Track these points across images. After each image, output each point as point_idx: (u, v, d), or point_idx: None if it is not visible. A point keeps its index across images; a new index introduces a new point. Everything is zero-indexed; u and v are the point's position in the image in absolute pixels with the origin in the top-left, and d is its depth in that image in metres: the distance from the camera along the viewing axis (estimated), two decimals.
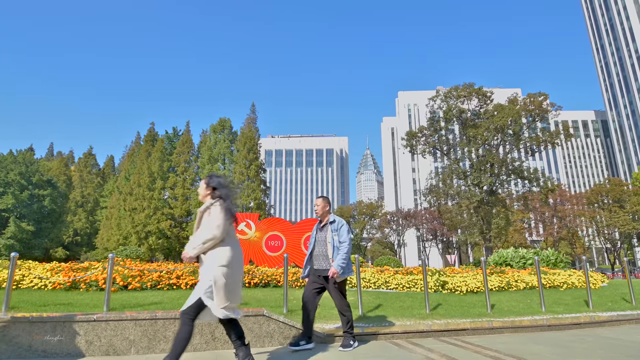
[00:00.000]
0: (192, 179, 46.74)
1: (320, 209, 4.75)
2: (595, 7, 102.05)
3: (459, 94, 38.66)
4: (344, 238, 4.50)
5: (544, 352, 4.40)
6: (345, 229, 4.56)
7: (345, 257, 4.38)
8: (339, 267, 4.31)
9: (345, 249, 4.41)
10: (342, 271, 4.34)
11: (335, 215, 4.75)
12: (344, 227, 4.60)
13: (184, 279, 7.77)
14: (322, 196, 4.86)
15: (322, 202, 4.78)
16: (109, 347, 4.14)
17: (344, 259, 4.36)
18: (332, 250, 4.48)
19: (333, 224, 4.64)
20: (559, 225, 53.14)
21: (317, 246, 4.63)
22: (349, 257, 4.45)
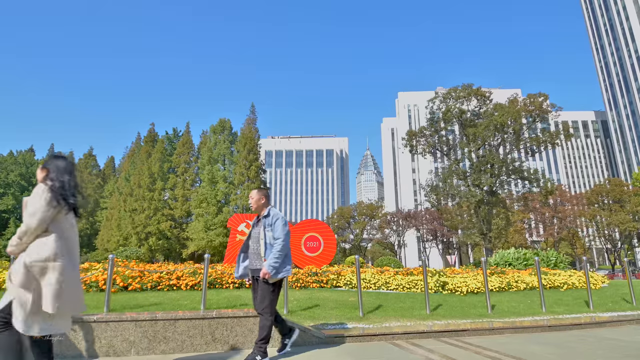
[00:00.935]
0: (192, 179, 46.77)
1: (254, 202, 4.27)
2: (595, 7, 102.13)
3: (458, 95, 38.68)
4: (278, 234, 4.02)
5: (545, 353, 4.39)
6: (280, 224, 4.07)
7: (278, 255, 3.92)
8: (270, 267, 3.86)
9: (279, 247, 3.94)
10: (274, 272, 3.88)
11: (273, 209, 4.28)
12: (279, 221, 4.09)
13: (184, 280, 7.77)
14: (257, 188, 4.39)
15: (257, 194, 4.30)
16: (109, 348, 4.13)
17: (277, 258, 3.90)
18: (264, 248, 4.04)
19: (267, 218, 4.14)
20: (559, 225, 53.13)
21: (252, 243, 4.20)
22: (284, 255, 3.99)
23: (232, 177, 42.66)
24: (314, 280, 8.99)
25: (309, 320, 5.48)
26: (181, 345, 4.32)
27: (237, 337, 4.52)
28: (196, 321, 4.44)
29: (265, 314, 3.92)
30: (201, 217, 41.06)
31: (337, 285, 9.04)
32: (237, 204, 41.11)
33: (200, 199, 41.64)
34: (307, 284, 8.85)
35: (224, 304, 6.29)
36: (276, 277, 3.93)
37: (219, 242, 38.67)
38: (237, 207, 41.12)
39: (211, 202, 41.12)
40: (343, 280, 9.09)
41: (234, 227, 13.03)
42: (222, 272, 8.38)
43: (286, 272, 4.03)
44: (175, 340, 4.32)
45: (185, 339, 4.35)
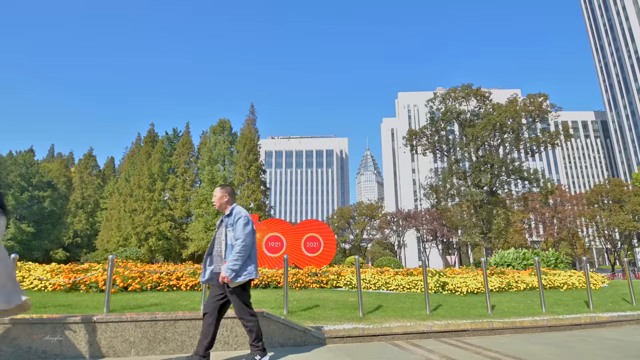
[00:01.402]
0: (192, 180, 46.79)
1: (216, 200, 3.97)
2: (595, 7, 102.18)
3: (457, 95, 38.71)
4: (238, 233, 3.73)
5: (545, 353, 4.39)
6: (242, 223, 3.77)
7: (238, 257, 3.63)
8: (228, 270, 3.58)
9: (238, 247, 3.65)
10: (233, 275, 3.60)
11: (237, 207, 3.93)
12: (241, 220, 3.79)
13: (184, 280, 7.77)
14: (221, 185, 4.07)
15: (219, 191, 3.98)
16: (109, 348, 4.13)
17: (235, 260, 3.62)
18: (224, 249, 3.78)
19: (229, 218, 3.85)
20: (559, 225, 53.12)
21: (215, 245, 3.91)
22: (245, 257, 3.70)
23: (232, 178, 42.68)
24: (314, 280, 8.99)
25: (309, 321, 5.47)
26: (181, 345, 4.32)
27: (237, 337, 4.52)
28: (196, 322, 4.44)
29: (244, 317, 3.76)
30: (201, 217, 41.07)
31: (337, 285, 9.04)
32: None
33: (200, 200, 41.65)
34: (307, 285, 8.84)
35: None
36: (236, 280, 3.65)
37: None
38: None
39: (211, 203, 41.10)
40: (343, 280, 9.09)
41: None
42: None
43: (248, 275, 3.72)
44: (175, 341, 4.32)
45: (186, 339, 4.35)
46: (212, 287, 3.86)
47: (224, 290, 3.77)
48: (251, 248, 3.81)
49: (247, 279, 3.72)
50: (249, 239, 3.75)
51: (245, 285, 3.83)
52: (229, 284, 3.65)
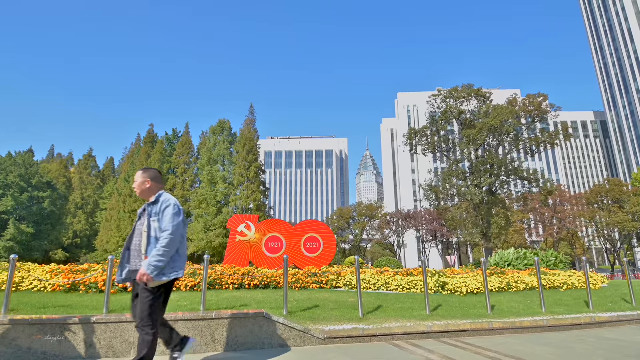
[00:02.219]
0: (191, 180, 46.78)
1: (137, 186, 3.42)
2: (594, 8, 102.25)
3: (459, 95, 38.72)
4: (166, 224, 3.18)
5: (545, 353, 4.39)
6: (170, 212, 3.23)
7: (163, 252, 3.09)
8: (150, 266, 3.04)
9: (165, 241, 3.11)
10: (155, 272, 3.07)
11: (165, 194, 3.39)
12: (169, 209, 3.25)
13: (183, 281, 7.77)
14: (143, 168, 3.52)
15: (141, 176, 3.42)
16: (108, 349, 4.13)
17: (160, 256, 3.08)
18: (146, 243, 3.21)
19: (154, 206, 3.30)
20: (558, 226, 53.12)
21: (135, 238, 3.34)
22: (172, 252, 3.16)
23: (232, 178, 42.66)
24: (314, 281, 8.99)
25: (308, 321, 5.47)
26: None
27: (237, 338, 4.52)
28: (196, 322, 4.43)
29: (144, 327, 3.08)
30: (201, 217, 41.05)
31: (337, 286, 9.04)
32: (237, 205, 41.12)
33: (199, 200, 41.64)
34: (307, 285, 8.84)
35: (224, 305, 6.28)
36: (160, 279, 3.10)
37: (219, 243, 38.68)
38: (237, 208, 41.12)
39: (211, 203, 41.12)
40: (343, 281, 9.08)
41: (233, 228, 13.02)
42: (222, 273, 8.38)
43: (175, 274, 3.20)
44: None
45: None
46: (134, 289, 3.32)
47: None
48: (180, 243, 3.26)
49: (174, 277, 3.19)
50: (179, 232, 3.21)
51: (167, 287, 3.27)
52: (149, 282, 3.07)
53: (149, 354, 3.09)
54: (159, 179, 3.48)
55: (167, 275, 3.15)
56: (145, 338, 3.08)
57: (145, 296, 3.10)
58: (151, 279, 3.05)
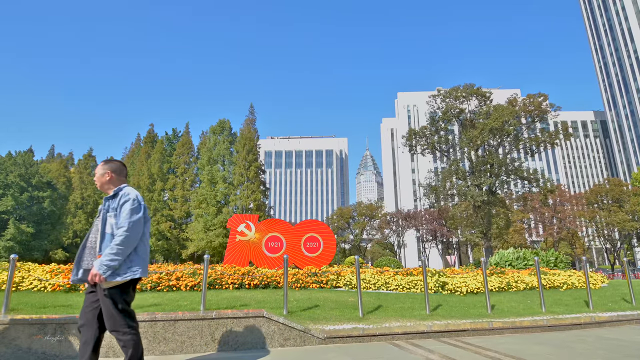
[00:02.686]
0: (191, 180, 46.78)
1: (97, 179, 3.19)
2: (594, 7, 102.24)
3: (459, 95, 38.70)
4: (122, 220, 2.92)
5: (544, 353, 4.39)
6: (129, 207, 2.97)
7: (118, 251, 2.83)
8: (103, 266, 2.78)
9: (120, 239, 2.86)
10: (108, 272, 2.81)
11: (126, 188, 3.11)
12: (128, 204, 2.99)
13: (183, 281, 7.76)
14: (104, 160, 3.28)
15: (101, 168, 3.17)
16: (108, 349, 4.13)
17: (114, 254, 2.82)
18: (100, 240, 2.97)
19: (112, 200, 3.05)
20: (558, 225, 53.15)
21: (92, 235, 3.07)
22: (127, 251, 2.90)
23: (232, 178, 42.66)
24: (314, 280, 8.98)
25: (308, 321, 5.47)
26: (181, 346, 4.32)
27: (237, 337, 4.52)
28: (196, 322, 4.43)
29: (118, 329, 2.89)
30: (201, 217, 41.04)
31: (337, 285, 9.04)
32: (237, 205, 41.12)
33: (199, 200, 41.64)
34: (307, 285, 8.84)
35: (224, 304, 6.28)
36: (113, 279, 2.84)
37: (219, 243, 38.67)
38: (237, 208, 41.13)
39: (211, 203, 41.11)
40: (343, 280, 9.08)
41: (233, 228, 13.02)
42: (222, 272, 8.38)
43: (131, 274, 2.92)
44: (175, 341, 4.32)
45: (185, 339, 4.35)
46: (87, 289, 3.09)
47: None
48: (138, 241, 2.99)
49: (129, 277, 2.91)
50: (136, 229, 2.95)
51: (126, 288, 3.00)
52: (102, 283, 2.84)
53: (135, 353, 2.91)
54: (120, 172, 3.23)
55: (122, 276, 2.88)
56: (124, 340, 2.87)
57: (106, 300, 2.88)
58: (103, 279, 2.79)
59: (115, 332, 2.89)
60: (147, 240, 3.16)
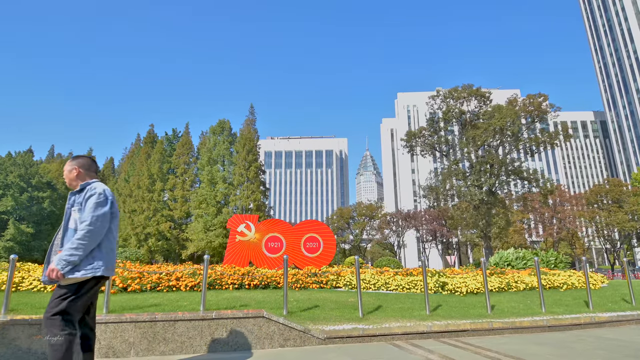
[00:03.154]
0: (191, 180, 46.74)
1: (65, 175, 3.08)
2: (594, 8, 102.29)
3: (459, 95, 38.71)
4: (86, 214, 2.77)
5: (544, 353, 4.39)
6: (94, 202, 2.82)
7: (78, 245, 2.69)
8: (62, 261, 2.64)
9: (82, 233, 2.71)
10: (67, 268, 2.66)
11: (95, 183, 2.98)
12: (93, 198, 2.84)
13: (183, 281, 7.76)
14: (73, 156, 3.15)
15: (69, 164, 3.06)
16: (108, 349, 4.13)
17: (75, 249, 2.68)
18: (62, 235, 2.87)
19: (78, 194, 2.92)
20: (558, 225, 53.16)
21: (61, 231, 2.96)
22: (90, 246, 2.74)
23: (232, 178, 42.65)
24: (314, 281, 8.99)
25: (308, 321, 5.47)
26: (181, 346, 4.32)
27: (237, 338, 4.52)
28: (196, 322, 4.43)
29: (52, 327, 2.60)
30: (201, 217, 41.03)
31: (337, 286, 9.04)
32: (237, 205, 41.11)
33: (199, 200, 41.62)
34: (307, 285, 8.84)
35: (224, 305, 6.28)
36: (72, 275, 2.68)
37: (219, 243, 38.66)
38: (237, 208, 41.11)
39: (210, 203, 41.09)
40: (343, 280, 9.08)
41: (233, 228, 13.02)
42: (222, 273, 8.38)
43: (92, 271, 2.74)
44: (175, 342, 4.32)
45: (185, 340, 4.35)
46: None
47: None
48: (102, 236, 2.83)
49: (89, 275, 2.72)
50: (100, 224, 2.78)
51: (86, 287, 2.77)
52: (60, 280, 2.67)
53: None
54: (89, 167, 3.10)
55: (81, 272, 2.70)
56: (51, 341, 2.56)
57: (59, 293, 2.69)
58: (61, 275, 2.63)
59: (46, 328, 2.62)
60: (114, 237, 3.01)
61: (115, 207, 3.01)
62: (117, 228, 3.06)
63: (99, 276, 2.82)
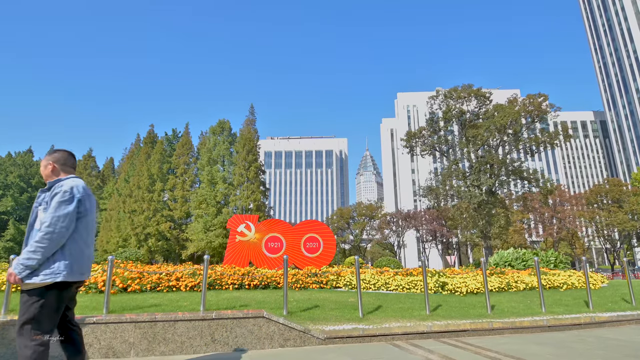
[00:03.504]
0: (191, 180, 46.73)
1: (41, 171, 2.89)
2: (594, 7, 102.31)
3: (459, 95, 38.72)
4: (47, 214, 2.56)
5: (544, 353, 4.39)
6: (58, 200, 2.61)
7: (36, 248, 2.49)
8: (19, 265, 2.49)
9: (40, 235, 2.51)
10: (25, 272, 2.49)
11: (66, 179, 2.78)
12: (58, 196, 2.62)
13: (183, 281, 7.76)
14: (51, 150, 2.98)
15: (44, 159, 2.87)
16: (108, 349, 4.13)
17: (32, 252, 2.49)
18: (26, 237, 2.71)
19: (47, 192, 2.73)
20: (558, 225, 53.16)
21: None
22: (51, 248, 2.52)
23: (232, 178, 42.65)
24: (314, 281, 8.99)
25: (308, 321, 5.47)
26: (181, 346, 4.32)
27: (237, 338, 4.52)
28: (196, 322, 4.43)
29: (21, 338, 2.46)
30: (201, 218, 41.03)
31: (337, 286, 9.04)
32: (237, 205, 41.11)
33: (199, 200, 41.61)
34: (307, 285, 8.84)
35: (224, 305, 6.29)
36: (30, 280, 2.50)
37: (219, 243, 38.65)
38: (237, 208, 41.10)
39: (210, 203, 41.09)
40: (343, 281, 9.08)
41: (233, 228, 13.02)
42: (222, 273, 8.38)
43: (52, 277, 2.52)
44: (175, 342, 4.32)
45: (185, 340, 4.35)
46: None
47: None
48: (65, 239, 2.60)
49: (48, 280, 2.50)
50: (62, 225, 2.55)
51: (50, 292, 2.55)
52: (20, 285, 2.52)
53: None
54: (64, 161, 2.88)
55: (40, 277, 2.49)
56: (23, 353, 2.41)
57: (23, 298, 2.53)
58: (19, 279, 2.48)
59: (20, 338, 2.47)
60: (83, 239, 2.74)
61: (85, 205, 2.75)
62: (89, 228, 2.80)
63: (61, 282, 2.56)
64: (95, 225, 2.95)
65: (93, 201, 2.89)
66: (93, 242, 2.85)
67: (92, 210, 2.85)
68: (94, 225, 2.88)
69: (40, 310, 2.51)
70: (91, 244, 2.82)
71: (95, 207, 2.92)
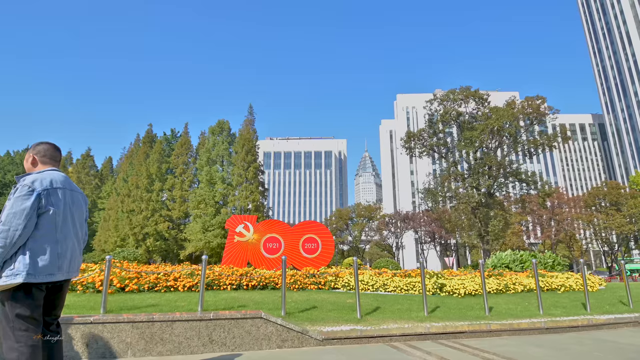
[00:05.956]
0: (190, 180, 46.68)
1: (24, 163, 2.79)
2: (593, 11, 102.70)
3: (456, 97, 38.80)
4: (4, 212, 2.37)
5: (542, 355, 4.40)
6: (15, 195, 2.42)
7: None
8: None
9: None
10: None
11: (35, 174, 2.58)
12: (18, 190, 2.44)
13: (181, 281, 7.75)
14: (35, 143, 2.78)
15: (28, 152, 2.75)
16: (105, 349, 4.12)
17: None
18: None
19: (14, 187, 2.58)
20: (556, 228, 53.25)
21: None
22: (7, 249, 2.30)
23: (231, 178, 42.62)
24: (312, 282, 8.98)
25: (306, 322, 5.47)
26: (178, 346, 4.31)
27: (234, 339, 4.51)
28: (193, 323, 4.42)
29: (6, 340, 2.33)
30: (199, 218, 40.96)
31: (335, 287, 9.03)
32: (235, 205, 41.06)
33: (198, 200, 41.55)
34: (305, 286, 8.83)
35: (222, 305, 6.27)
36: None
37: (217, 244, 38.59)
38: (235, 209, 41.06)
39: (209, 203, 41.03)
40: (341, 282, 9.08)
41: (232, 229, 13.00)
42: (220, 273, 8.36)
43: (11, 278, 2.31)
44: (173, 342, 4.31)
45: (183, 340, 4.34)
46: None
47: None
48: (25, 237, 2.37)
49: (8, 282, 2.31)
50: (17, 221, 2.34)
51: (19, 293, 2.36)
52: None
53: None
54: (44, 154, 2.70)
55: (2, 280, 2.30)
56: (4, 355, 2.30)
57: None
58: None
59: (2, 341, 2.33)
60: (50, 236, 2.49)
61: (49, 200, 2.50)
62: (57, 224, 2.54)
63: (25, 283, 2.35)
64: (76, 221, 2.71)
65: (68, 195, 2.66)
66: (70, 238, 2.62)
67: (63, 204, 2.59)
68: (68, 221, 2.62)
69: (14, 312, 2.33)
70: (64, 241, 2.57)
71: (75, 202, 2.71)
